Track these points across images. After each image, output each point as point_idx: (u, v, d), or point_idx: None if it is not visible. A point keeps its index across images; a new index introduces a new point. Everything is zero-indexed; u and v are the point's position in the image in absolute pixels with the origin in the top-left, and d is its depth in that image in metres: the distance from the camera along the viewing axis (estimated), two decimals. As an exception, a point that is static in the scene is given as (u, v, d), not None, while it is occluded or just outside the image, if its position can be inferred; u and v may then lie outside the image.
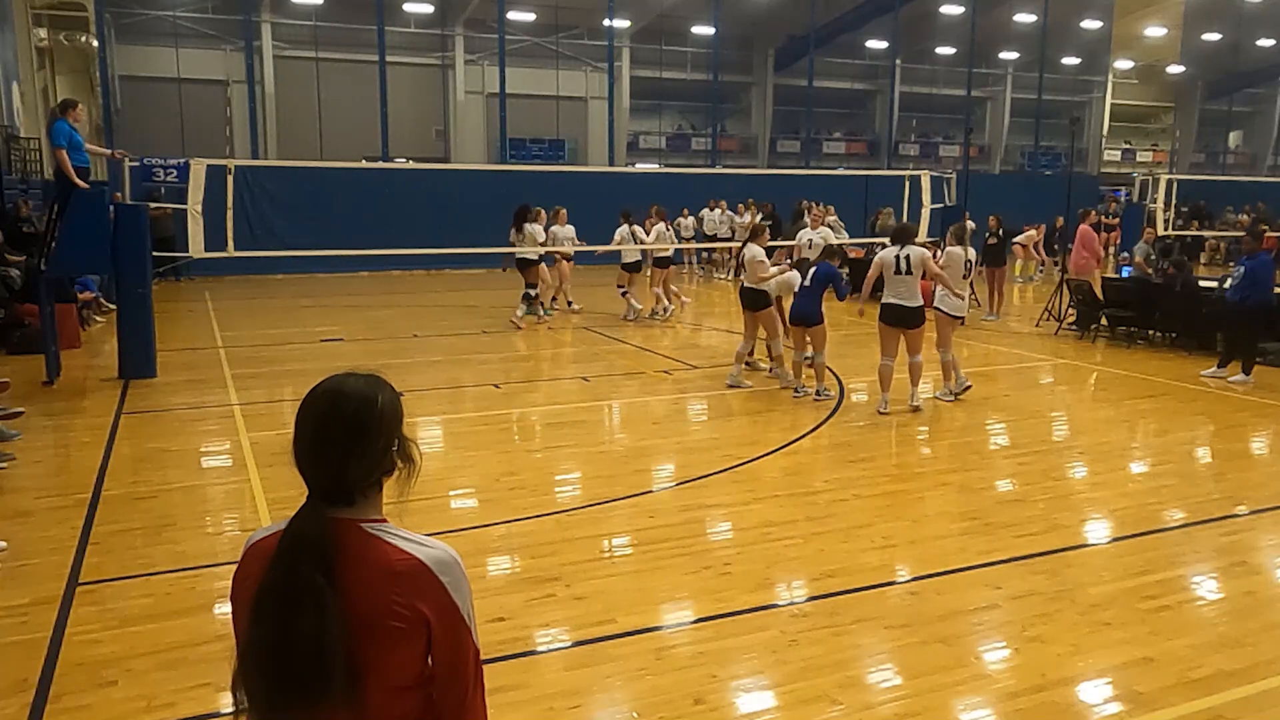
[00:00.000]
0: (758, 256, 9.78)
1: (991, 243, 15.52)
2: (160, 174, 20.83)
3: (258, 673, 1.67)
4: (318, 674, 1.63)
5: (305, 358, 11.80)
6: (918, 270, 8.71)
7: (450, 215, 20.76)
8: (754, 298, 9.89)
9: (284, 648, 1.64)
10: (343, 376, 1.79)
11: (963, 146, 32.93)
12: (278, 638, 1.64)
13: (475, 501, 6.51)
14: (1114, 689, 3.96)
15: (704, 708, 3.79)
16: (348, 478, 1.73)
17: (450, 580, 1.72)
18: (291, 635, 1.63)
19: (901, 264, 8.71)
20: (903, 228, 9.39)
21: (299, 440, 1.74)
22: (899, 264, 8.72)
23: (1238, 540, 5.77)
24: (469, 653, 1.76)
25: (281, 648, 1.64)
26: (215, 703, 3.80)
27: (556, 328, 14.42)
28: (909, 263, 8.69)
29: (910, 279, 8.71)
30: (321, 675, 1.63)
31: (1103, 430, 8.50)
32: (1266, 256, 10.56)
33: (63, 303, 11.59)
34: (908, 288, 8.72)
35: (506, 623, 4.46)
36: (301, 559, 1.66)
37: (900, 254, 8.72)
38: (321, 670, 1.63)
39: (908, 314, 8.74)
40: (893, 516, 6.10)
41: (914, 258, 8.70)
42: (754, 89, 35.34)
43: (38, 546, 5.49)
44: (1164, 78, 40.68)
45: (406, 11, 28.97)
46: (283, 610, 1.64)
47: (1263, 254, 10.56)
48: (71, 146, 9.77)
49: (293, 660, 1.63)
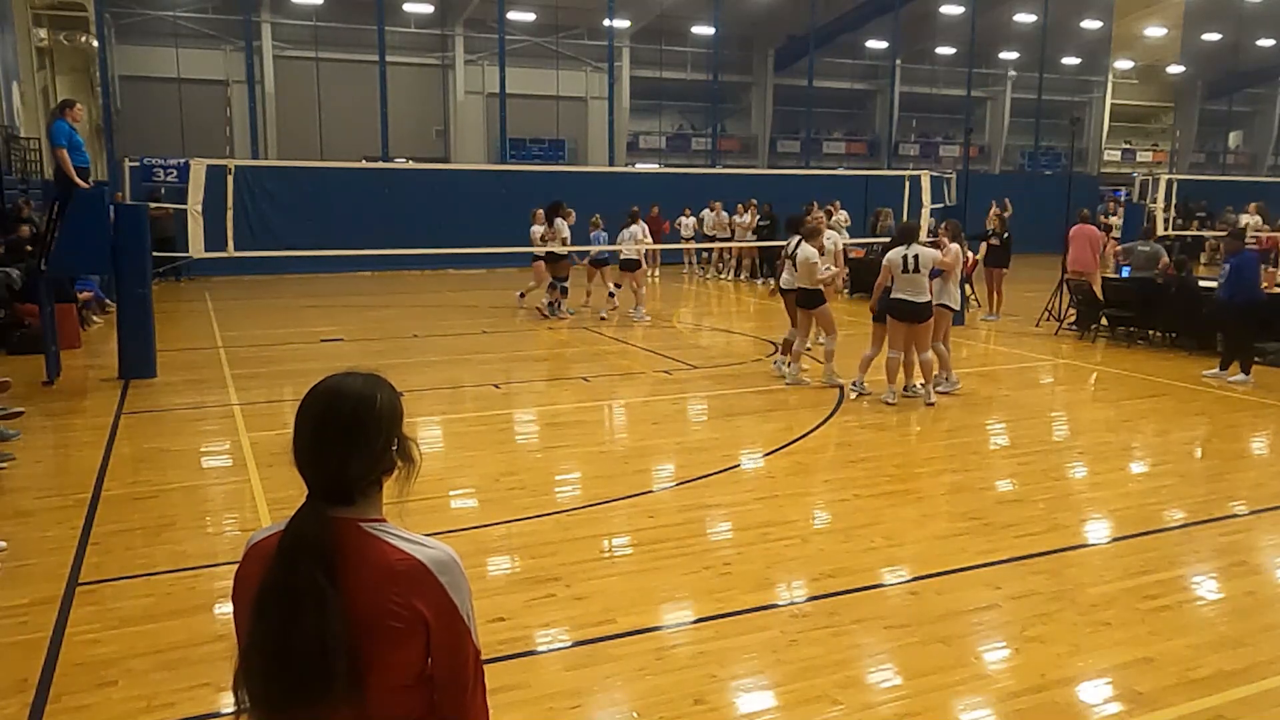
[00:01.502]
0: (812, 258, 9.79)
1: (994, 243, 15.50)
2: (160, 174, 20.83)
3: (259, 673, 1.66)
4: (319, 674, 1.63)
5: (305, 358, 11.80)
6: (925, 268, 8.93)
7: (450, 215, 20.77)
8: (809, 296, 9.90)
9: (285, 648, 1.63)
10: (342, 376, 1.79)
11: (963, 146, 32.89)
12: (279, 638, 1.64)
13: (475, 501, 6.51)
14: (1114, 689, 3.96)
15: (704, 708, 3.79)
16: (347, 477, 1.72)
17: (449, 580, 1.72)
18: (292, 635, 1.63)
19: (909, 263, 8.93)
20: (906, 227, 9.61)
21: (298, 439, 1.74)
22: (906, 263, 8.94)
23: (1238, 540, 5.77)
24: (469, 653, 1.76)
25: (283, 648, 1.64)
26: (215, 703, 3.80)
27: (556, 327, 14.42)
28: (917, 262, 8.92)
29: (919, 277, 8.93)
30: (323, 675, 1.63)
31: (1103, 430, 8.50)
32: (1250, 255, 10.70)
33: (63, 303, 11.59)
34: (916, 285, 8.94)
35: (506, 623, 4.46)
36: (301, 559, 1.66)
37: (908, 253, 8.95)
38: (323, 670, 1.63)
39: (917, 309, 8.97)
40: (893, 516, 6.10)
41: (922, 257, 8.95)
42: (754, 89, 35.33)
43: (38, 546, 5.48)
44: (1164, 78, 40.67)
45: (406, 11, 28.95)
46: (284, 610, 1.64)
47: (1245, 252, 10.72)
48: (71, 146, 9.77)
49: (294, 660, 1.63)
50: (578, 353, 12.55)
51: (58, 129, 9.80)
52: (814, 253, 9.84)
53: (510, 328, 14.34)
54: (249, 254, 14.46)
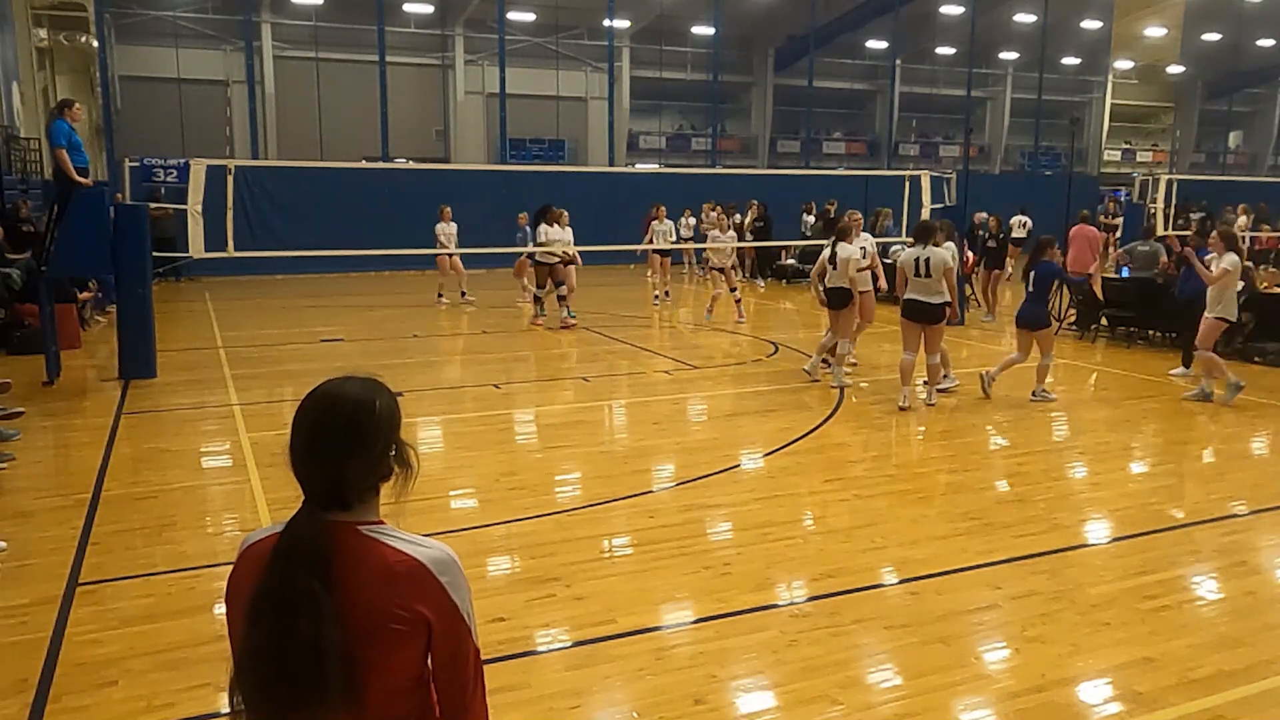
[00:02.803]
0: (854, 256, 9.82)
1: (990, 245, 15.50)
2: (160, 174, 20.85)
3: (254, 677, 1.66)
4: (314, 679, 1.62)
5: (305, 358, 11.80)
6: (937, 274, 8.83)
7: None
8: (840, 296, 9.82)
9: (279, 653, 1.63)
10: (340, 380, 1.77)
11: (963, 146, 32.87)
12: (273, 643, 1.63)
13: (475, 502, 6.51)
14: (1114, 689, 3.96)
15: (704, 708, 3.79)
16: (344, 482, 1.71)
17: (449, 580, 1.72)
18: (287, 641, 1.62)
19: (921, 268, 8.87)
20: (924, 226, 9.36)
21: (295, 444, 1.73)
22: (918, 267, 8.88)
23: (1238, 540, 5.76)
24: (469, 653, 1.76)
25: (277, 653, 1.63)
26: (215, 703, 3.80)
27: (555, 327, 14.41)
28: (928, 266, 8.83)
29: (930, 281, 8.86)
30: (317, 680, 1.62)
31: (1103, 430, 8.50)
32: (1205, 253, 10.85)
33: (63, 303, 11.59)
34: (928, 286, 8.89)
35: (506, 623, 4.46)
36: (297, 563, 1.65)
37: (920, 257, 8.86)
38: (318, 675, 1.62)
39: (929, 310, 8.92)
40: (893, 516, 6.10)
41: (934, 261, 8.82)
42: (754, 89, 35.35)
43: (38, 546, 5.48)
44: (1164, 78, 40.69)
45: (406, 11, 28.97)
46: (278, 615, 1.63)
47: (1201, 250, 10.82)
48: (71, 146, 9.77)
49: (288, 666, 1.62)
50: (578, 353, 12.55)
51: (57, 129, 9.79)
52: (855, 251, 9.88)
53: (510, 328, 14.34)
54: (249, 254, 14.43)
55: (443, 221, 16.59)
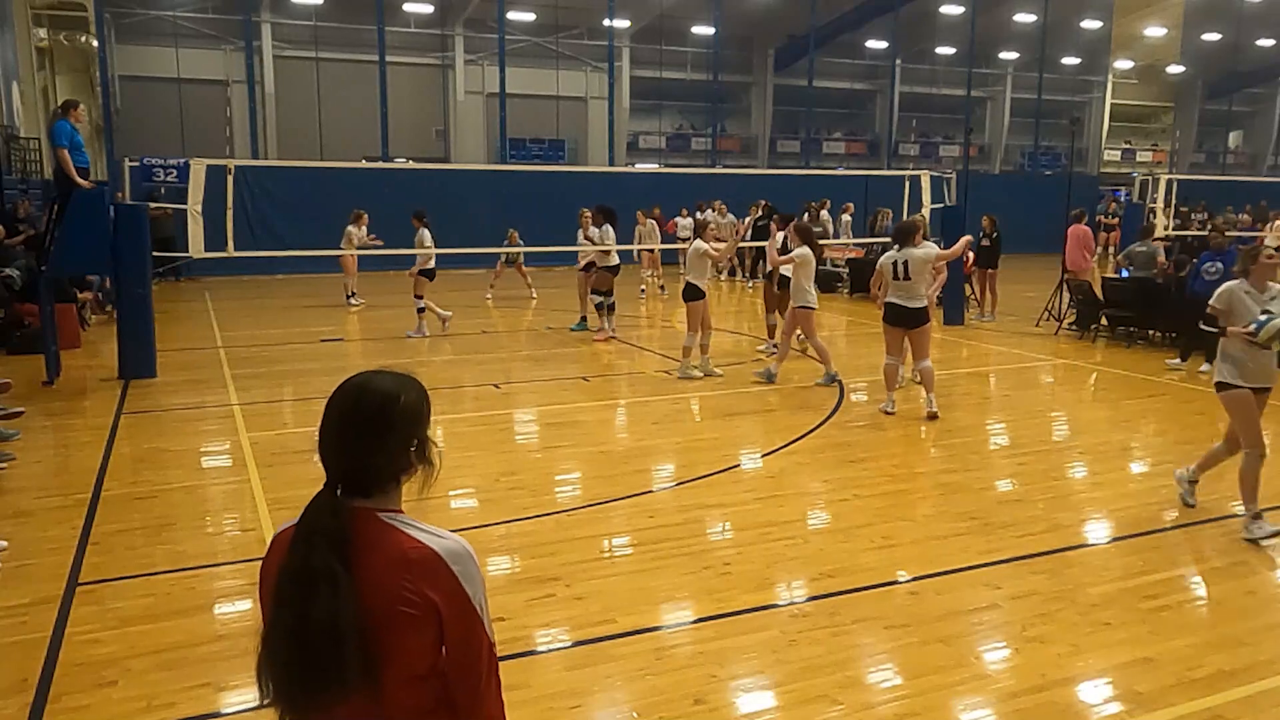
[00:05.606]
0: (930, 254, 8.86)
1: (985, 244, 15.50)
2: (160, 174, 20.82)
3: (278, 658, 1.70)
4: (333, 659, 1.66)
5: (305, 358, 11.80)
6: (916, 275, 8.56)
7: (450, 215, 20.73)
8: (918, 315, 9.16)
9: (302, 630, 1.67)
10: (372, 372, 1.84)
11: (963, 146, 32.92)
12: (296, 622, 1.67)
13: (475, 501, 6.51)
14: (1114, 689, 3.96)
15: (704, 708, 3.79)
16: (365, 470, 1.77)
17: (461, 570, 1.75)
18: (308, 618, 1.66)
19: (899, 270, 8.59)
20: (901, 227, 9.11)
21: (323, 429, 1.80)
22: (896, 270, 8.61)
23: (1238, 540, 5.76)
24: (481, 643, 1.78)
25: (299, 630, 1.67)
26: (215, 703, 3.81)
27: (556, 328, 14.41)
28: (906, 269, 8.55)
29: (910, 284, 8.59)
30: (337, 660, 1.66)
31: (1103, 430, 8.50)
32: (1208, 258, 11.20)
33: (63, 303, 11.59)
34: (908, 289, 8.62)
35: (506, 623, 4.46)
36: (317, 542, 1.70)
37: (898, 260, 8.58)
38: (337, 655, 1.66)
39: (908, 314, 8.65)
40: (893, 516, 6.10)
41: (912, 263, 8.53)
42: (754, 89, 35.34)
43: (38, 546, 5.48)
44: (1164, 78, 40.69)
45: (406, 11, 28.96)
46: (300, 593, 1.68)
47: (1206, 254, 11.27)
48: (72, 146, 9.79)
49: (310, 643, 1.66)
50: (577, 353, 12.55)
51: (59, 129, 9.81)
52: (932, 250, 9.09)
53: (510, 328, 14.33)
54: (249, 254, 14.46)
55: (354, 225, 16.72)
